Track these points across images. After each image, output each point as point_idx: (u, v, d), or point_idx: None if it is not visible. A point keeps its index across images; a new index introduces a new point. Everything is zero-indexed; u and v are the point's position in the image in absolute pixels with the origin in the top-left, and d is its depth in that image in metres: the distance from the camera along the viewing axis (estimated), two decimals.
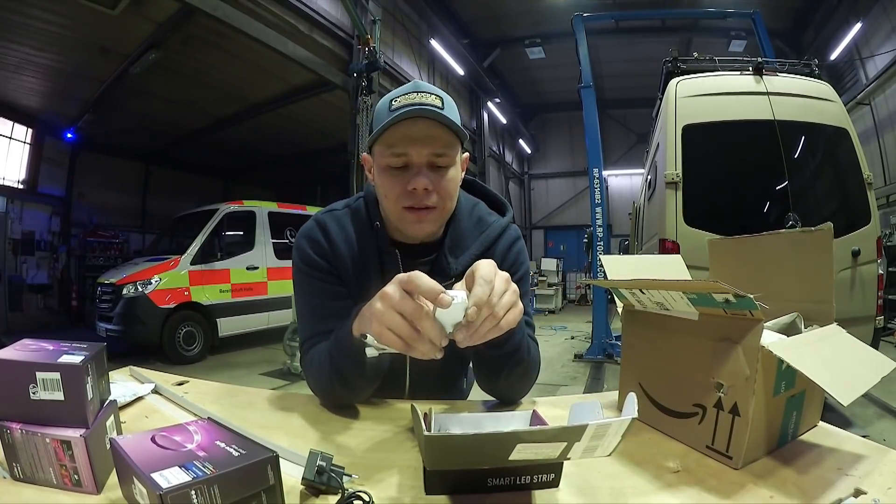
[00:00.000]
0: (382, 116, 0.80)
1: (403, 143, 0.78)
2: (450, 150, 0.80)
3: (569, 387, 4.90)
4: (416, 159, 0.78)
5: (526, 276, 0.96)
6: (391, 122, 0.76)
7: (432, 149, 0.78)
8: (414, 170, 0.79)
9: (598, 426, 0.46)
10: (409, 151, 0.78)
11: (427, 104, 0.77)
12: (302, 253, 0.89)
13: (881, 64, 8.24)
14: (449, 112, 0.79)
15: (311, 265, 0.88)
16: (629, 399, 0.50)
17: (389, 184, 0.81)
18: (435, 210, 0.81)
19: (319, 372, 0.82)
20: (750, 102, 3.53)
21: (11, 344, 0.58)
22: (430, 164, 0.79)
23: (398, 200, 0.80)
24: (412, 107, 0.76)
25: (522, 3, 10.67)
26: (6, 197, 8.30)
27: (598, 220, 6.25)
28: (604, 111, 11.27)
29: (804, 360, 0.56)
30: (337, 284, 0.88)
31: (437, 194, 0.80)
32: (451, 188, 0.82)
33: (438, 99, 0.79)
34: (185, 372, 1.19)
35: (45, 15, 5.85)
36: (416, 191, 0.78)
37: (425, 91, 0.80)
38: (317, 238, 0.89)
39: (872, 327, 3.32)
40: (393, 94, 0.81)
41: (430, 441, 0.47)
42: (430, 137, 0.78)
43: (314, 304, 0.89)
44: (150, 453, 0.48)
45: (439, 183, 0.80)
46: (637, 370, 0.77)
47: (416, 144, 0.78)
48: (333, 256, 0.88)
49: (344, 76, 7.30)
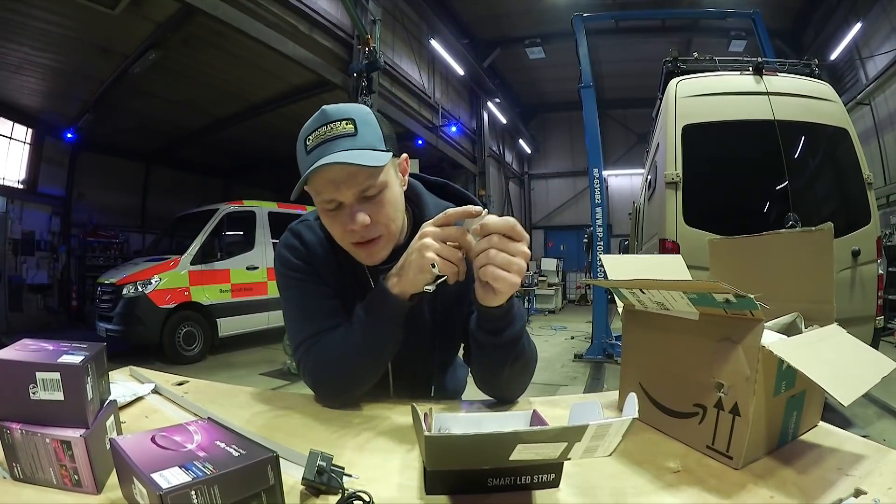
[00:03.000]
0: (301, 156, 0.80)
1: (328, 189, 0.77)
2: (375, 180, 0.78)
3: (569, 387, 4.90)
4: (345, 198, 0.78)
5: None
6: (308, 174, 0.75)
7: (356, 188, 0.77)
8: (347, 209, 0.79)
9: (598, 426, 0.46)
10: (336, 196, 0.78)
11: (338, 135, 0.77)
12: (284, 260, 0.90)
13: (881, 64, 8.24)
14: (363, 137, 0.78)
15: (295, 269, 0.89)
16: (629, 399, 0.50)
17: (331, 224, 0.82)
18: (381, 238, 0.82)
19: (333, 360, 0.83)
20: (750, 102, 3.53)
21: (11, 344, 0.58)
22: (360, 199, 0.79)
23: (343, 238, 0.82)
24: (324, 143, 0.76)
25: (522, 3, 10.67)
26: (6, 197, 8.31)
27: (598, 220, 6.25)
28: (604, 111, 11.25)
29: (804, 360, 0.56)
30: (322, 284, 0.89)
31: (378, 223, 0.80)
32: (390, 211, 0.82)
33: (350, 123, 0.78)
34: (185, 372, 1.19)
35: (45, 15, 5.85)
36: (356, 230, 0.79)
37: (334, 120, 0.78)
38: (294, 245, 0.91)
39: (872, 327, 3.32)
40: (305, 128, 0.80)
41: (431, 441, 0.47)
42: (350, 177, 0.76)
43: (305, 306, 0.89)
44: (150, 453, 0.48)
45: (378, 212, 0.80)
46: (637, 370, 0.77)
47: (341, 188, 0.77)
48: (312, 259, 0.90)
49: (344, 76, 7.30)
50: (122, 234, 10.27)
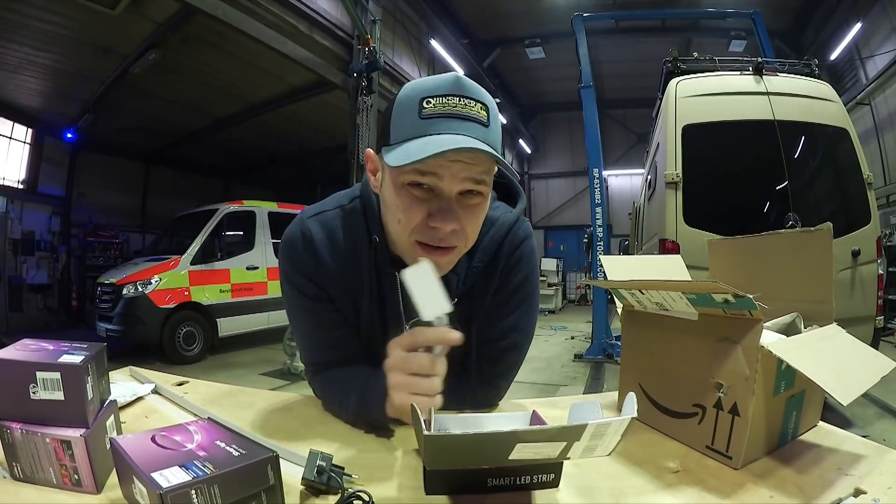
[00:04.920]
0: (407, 116, 0.63)
1: (439, 169, 0.62)
2: (489, 176, 0.65)
3: (569, 387, 4.90)
4: (448, 185, 0.63)
5: (525, 283, 0.84)
6: (424, 159, 0.59)
7: (471, 172, 0.63)
8: (442, 201, 0.64)
9: (597, 426, 0.46)
10: (442, 172, 0.62)
11: (472, 117, 0.62)
12: (287, 272, 0.78)
13: (881, 64, 8.24)
14: (493, 131, 0.64)
15: (300, 289, 0.78)
16: (629, 399, 0.50)
17: (405, 209, 0.65)
18: (454, 250, 0.68)
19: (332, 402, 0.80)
20: (750, 102, 3.53)
21: (11, 344, 0.58)
22: (461, 193, 0.64)
23: (411, 233, 0.66)
24: (454, 118, 0.61)
25: (522, 3, 10.66)
26: (6, 197, 8.31)
27: (598, 220, 6.25)
28: (604, 111, 11.26)
29: (804, 360, 0.56)
30: (331, 311, 0.79)
31: (464, 232, 0.66)
32: (478, 224, 0.69)
33: (484, 109, 0.63)
34: (185, 372, 1.19)
35: (45, 15, 5.85)
36: (440, 230, 0.64)
37: (470, 97, 0.63)
38: (300, 257, 0.77)
39: (872, 327, 3.32)
40: (425, 86, 0.63)
41: (430, 441, 0.47)
42: (470, 170, 0.63)
43: (313, 334, 0.82)
44: (150, 453, 0.49)
45: (468, 220, 0.65)
46: (637, 370, 0.77)
47: (454, 165, 0.61)
48: (321, 276, 0.76)
49: (344, 76, 7.30)
50: (122, 234, 10.27)
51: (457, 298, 0.77)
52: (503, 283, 0.84)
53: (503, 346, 0.84)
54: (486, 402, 0.84)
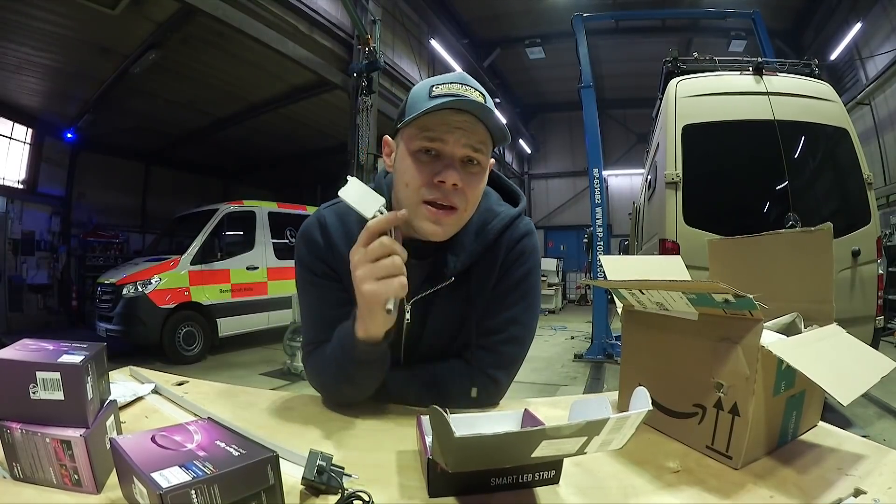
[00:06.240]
0: (420, 100, 0.75)
1: (441, 128, 0.73)
2: (485, 148, 0.76)
3: (569, 387, 4.91)
4: (451, 149, 0.74)
5: (526, 278, 0.87)
6: (432, 109, 0.71)
7: (470, 140, 0.74)
8: (446, 160, 0.74)
9: (617, 419, 0.46)
10: (447, 138, 0.73)
11: (472, 98, 0.73)
12: (301, 254, 0.87)
13: (881, 64, 8.24)
14: (491, 111, 0.75)
15: (310, 268, 0.86)
16: (639, 392, 0.50)
17: (415, 170, 0.75)
18: (456, 212, 0.76)
19: (325, 374, 0.82)
20: (750, 102, 3.53)
21: (11, 344, 0.58)
22: (463, 159, 0.75)
23: (420, 192, 0.75)
24: (456, 97, 0.73)
25: (522, 3, 10.67)
26: (6, 197, 8.31)
27: (598, 220, 6.25)
28: (604, 111, 11.27)
29: (804, 360, 0.56)
30: (337, 290, 0.84)
31: (465, 194, 0.75)
32: (477, 193, 0.78)
33: (482, 97, 0.75)
34: (185, 372, 1.19)
35: (45, 15, 5.85)
36: (444, 184, 0.73)
37: (471, 86, 0.76)
38: (315, 239, 0.86)
39: (872, 327, 3.32)
40: (434, 80, 0.77)
41: (460, 443, 0.45)
42: (472, 130, 0.74)
43: (315, 311, 0.87)
44: (150, 453, 0.48)
45: (469, 182, 0.75)
46: (637, 370, 0.77)
47: (455, 132, 0.73)
48: (332, 258, 0.84)
49: (344, 76, 7.30)
50: (122, 234, 10.27)
51: (453, 277, 0.82)
52: (504, 277, 0.86)
53: (503, 338, 0.85)
54: (486, 400, 0.85)
